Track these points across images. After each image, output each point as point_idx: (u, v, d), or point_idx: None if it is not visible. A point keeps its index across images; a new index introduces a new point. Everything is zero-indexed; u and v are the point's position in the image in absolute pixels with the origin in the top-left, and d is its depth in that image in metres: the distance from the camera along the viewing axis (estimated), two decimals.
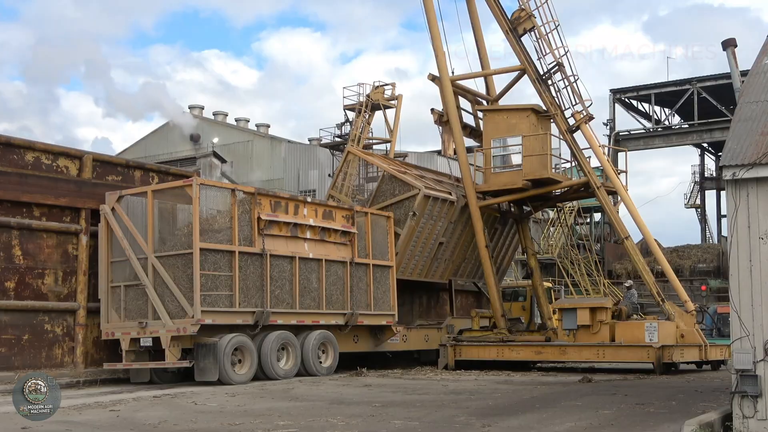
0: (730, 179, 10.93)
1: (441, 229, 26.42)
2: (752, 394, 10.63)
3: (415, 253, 25.90)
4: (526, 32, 25.27)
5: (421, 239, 25.88)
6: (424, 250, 26.22)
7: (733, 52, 42.18)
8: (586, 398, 15.72)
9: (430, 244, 26.33)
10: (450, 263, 27.64)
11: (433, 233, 26.23)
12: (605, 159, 26.17)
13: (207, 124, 55.82)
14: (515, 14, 25.51)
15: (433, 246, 26.46)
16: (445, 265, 27.50)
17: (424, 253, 26.29)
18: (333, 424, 12.14)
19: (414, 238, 25.59)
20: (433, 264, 26.91)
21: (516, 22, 25.32)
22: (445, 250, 27.09)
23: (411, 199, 25.31)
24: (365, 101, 43.00)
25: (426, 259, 26.46)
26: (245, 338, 19.40)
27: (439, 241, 26.56)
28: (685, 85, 51.15)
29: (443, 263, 27.32)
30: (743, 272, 10.83)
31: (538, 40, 25.28)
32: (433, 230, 26.14)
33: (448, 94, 26.60)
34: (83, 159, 20.87)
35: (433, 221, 25.99)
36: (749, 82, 12.69)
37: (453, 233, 27.04)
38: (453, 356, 24.81)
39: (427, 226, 25.84)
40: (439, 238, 26.54)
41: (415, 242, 25.74)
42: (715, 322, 30.01)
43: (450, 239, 27.01)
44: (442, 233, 26.56)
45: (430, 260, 26.66)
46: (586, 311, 23.31)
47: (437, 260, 26.98)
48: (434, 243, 26.43)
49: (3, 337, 18.87)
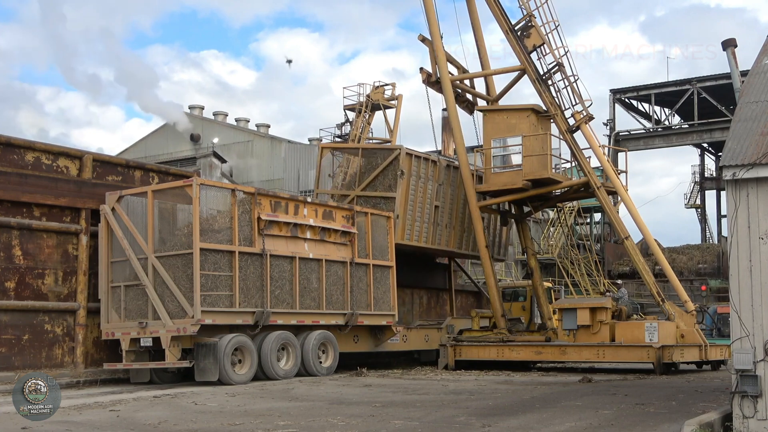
0: (730, 179, 10.93)
1: (432, 192, 26.99)
2: (752, 394, 10.63)
3: (415, 216, 26.26)
4: (536, 48, 25.17)
5: (417, 201, 26.32)
6: (423, 214, 26.63)
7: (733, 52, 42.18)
8: (586, 398, 15.72)
9: (427, 207, 26.80)
10: (451, 230, 28.10)
11: (426, 195, 26.72)
12: (605, 159, 26.16)
13: (207, 124, 55.79)
14: (520, 22, 25.47)
15: (430, 210, 26.96)
16: (448, 232, 27.90)
17: (424, 216, 26.69)
18: (333, 424, 12.14)
19: (410, 200, 26.01)
20: (436, 230, 27.30)
21: (523, 34, 25.22)
22: (443, 214, 27.62)
23: (394, 162, 25.85)
24: (365, 101, 42.98)
25: (427, 224, 26.87)
26: (245, 338, 19.41)
27: (435, 205, 27.14)
28: (685, 85, 51.17)
29: (445, 230, 27.77)
30: (743, 272, 10.84)
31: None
32: (425, 192, 26.65)
33: (448, 94, 26.62)
34: (83, 159, 20.87)
35: (422, 182, 26.52)
36: (749, 82, 12.69)
37: (445, 196, 27.72)
38: (453, 356, 24.82)
39: (418, 187, 26.34)
40: (434, 201, 27.14)
41: (412, 204, 26.13)
42: (715, 322, 30.02)
43: (444, 203, 27.67)
44: (435, 196, 27.13)
45: (432, 225, 27.08)
46: (586, 311, 23.31)
47: (438, 225, 27.41)
48: (430, 206, 26.93)
49: (3, 337, 18.87)
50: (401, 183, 25.63)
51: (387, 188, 25.85)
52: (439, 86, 27.29)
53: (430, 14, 26.90)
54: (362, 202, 25.95)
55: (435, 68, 27.18)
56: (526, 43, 25.17)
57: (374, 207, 25.26)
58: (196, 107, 58.60)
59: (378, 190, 26.13)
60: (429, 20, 27.14)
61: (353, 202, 25.99)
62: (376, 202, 25.94)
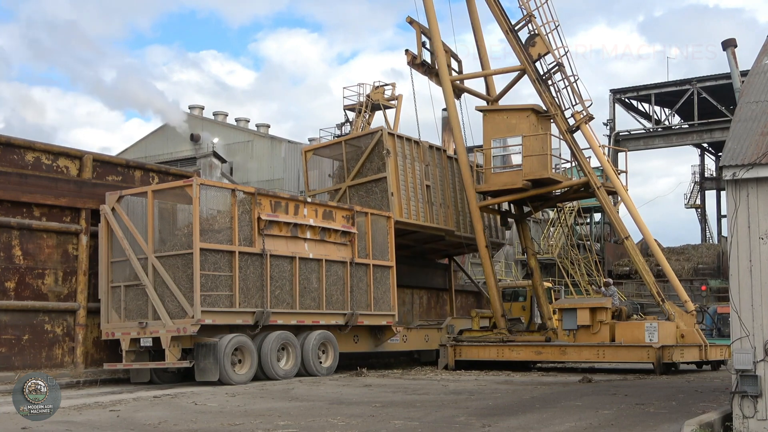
0: (730, 179, 10.93)
1: (421, 172, 27.08)
2: (752, 394, 10.63)
3: (409, 195, 26.28)
4: (541, 57, 25.14)
5: (408, 181, 26.36)
6: (416, 193, 26.69)
7: (733, 53, 42.21)
8: (586, 398, 15.72)
9: (419, 187, 26.85)
10: (446, 209, 28.13)
11: (416, 174, 26.81)
12: (605, 159, 26.16)
13: (207, 124, 55.75)
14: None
15: (423, 190, 27.02)
16: (444, 211, 27.95)
17: (417, 196, 26.74)
18: (333, 425, 12.14)
19: (401, 179, 26.04)
20: (432, 210, 27.32)
21: (528, 43, 25.17)
22: (435, 193, 27.68)
23: (378, 144, 25.93)
24: (365, 101, 43.00)
25: (422, 203, 26.91)
26: (245, 338, 19.41)
27: (426, 184, 27.20)
28: (685, 86, 51.20)
29: (441, 209, 27.82)
30: (743, 272, 10.83)
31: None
32: (414, 171, 26.74)
33: (448, 94, 26.63)
34: (83, 159, 20.87)
35: (410, 162, 26.62)
36: (749, 82, 12.69)
37: (434, 176, 27.80)
38: (453, 356, 24.81)
39: (406, 166, 26.39)
40: (425, 181, 27.19)
41: (404, 183, 26.16)
42: (715, 322, 30.01)
43: (435, 182, 27.73)
44: (424, 176, 27.22)
45: (426, 204, 27.10)
46: (586, 311, 23.30)
47: (433, 205, 27.45)
48: (422, 185, 26.99)
49: (3, 337, 18.86)
50: (389, 161, 25.67)
51: (376, 171, 25.93)
52: (424, 68, 27.63)
53: (430, 14, 26.92)
54: (354, 191, 26.02)
55: (420, 50, 27.45)
56: (531, 52, 25.12)
57: (367, 194, 25.50)
58: (196, 107, 58.57)
59: (368, 175, 26.17)
60: (429, 20, 27.15)
61: (345, 194, 26.03)
62: (368, 188, 26.01)
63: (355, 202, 25.36)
